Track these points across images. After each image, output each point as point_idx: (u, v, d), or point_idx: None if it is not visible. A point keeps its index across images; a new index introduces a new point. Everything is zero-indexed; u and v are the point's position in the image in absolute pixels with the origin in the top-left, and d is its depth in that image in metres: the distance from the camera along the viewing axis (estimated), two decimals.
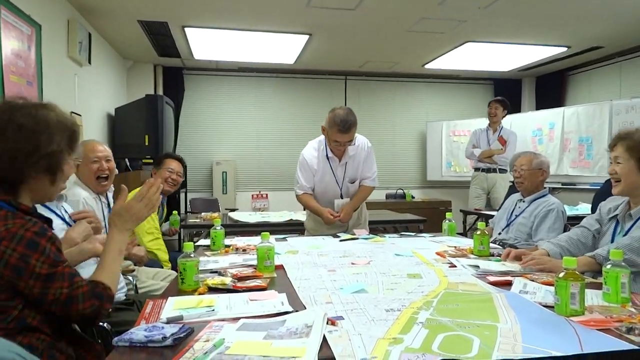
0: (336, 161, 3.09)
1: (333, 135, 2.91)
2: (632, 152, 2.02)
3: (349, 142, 2.96)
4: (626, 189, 2.08)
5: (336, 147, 2.99)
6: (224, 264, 2.11)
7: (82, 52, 4.66)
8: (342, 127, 2.85)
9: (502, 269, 2.00)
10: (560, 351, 1.11)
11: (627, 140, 2.05)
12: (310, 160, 3.10)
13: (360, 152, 3.13)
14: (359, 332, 1.23)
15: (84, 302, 1.27)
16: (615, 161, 2.08)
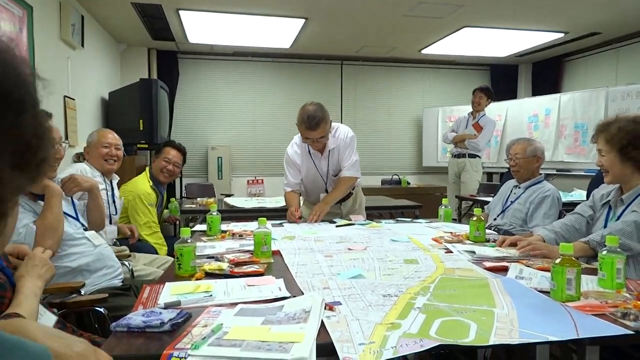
0: (318, 155, 3.07)
1: (302, 132, 2.90)
2: (611, 144, 2.04)
3: (321, 138, 2.90)
4: (615, 179, 2.10)
5: (310, 144, 2.96)
6: (221, 250, 2.11)
7: (75, 35, 4.60)
8: (309, 124, 2.81)
9: (498, 255, 2.01)
10: (557, 336, 1.12)
11: (605, 132, 2.06)
12: (293, 157, 3.11)
13: (341, 144, 3.08)
14: (357, 317, 1.23)
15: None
16: (600, 154, 2.10)
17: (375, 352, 1.03)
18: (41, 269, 1.41)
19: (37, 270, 1.40)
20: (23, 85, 0.49)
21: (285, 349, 1.03)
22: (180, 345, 1.05)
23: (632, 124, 2.01)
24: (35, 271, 1.39)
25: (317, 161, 3.08)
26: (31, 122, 0.51)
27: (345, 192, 3.12)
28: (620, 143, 2.00)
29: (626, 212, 2.06)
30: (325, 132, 2.90)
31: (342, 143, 3.07)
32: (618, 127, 2.02)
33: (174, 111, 7.04)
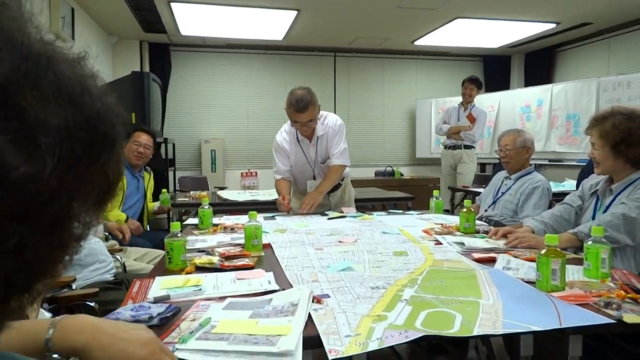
0: (307, 142, 3.08)
1: (291, 115, 2.90)
2: (605, 139, 2.04)
3: (310, 122, 2.92)
4: (606, 171, 2.12)
5: (299, 128, 2.97)
6: (212, 243, 2.12)
7: (65, 28, 4.57)
8: (297, 106, 2.83)
9: (487, 246, 2.03)
10: (540, 326, 1.14)
11: (600, 126, 2.06)
12: (282, 143, 3.11)
13: (330, 132, 3.09)
14: (344, 309, 1.25)
15: None
16: (593, 147, 2.11)
17: (360, 344, 1.04)
18: None
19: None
20: (117, 122, 0.46)
21: (272, 342, 1.04)
22: (168, 339, 1.07)
23: (627, 121, 2.01)
24: None
25: (306, 148, 3.09)
26: (118, 159, 0.46)
27: (335, 181, 3.13)
28: (613, 140, 2.01)
29: (614, 203, 2.08)
30: (314, 116, 2.91)
31: (331, 131, 3.08)
32: (613, 123, 2.02)
33: (166, 104, 7.01)
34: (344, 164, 3.12)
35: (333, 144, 3.09)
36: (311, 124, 2.95)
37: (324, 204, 3.19)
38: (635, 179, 2.05)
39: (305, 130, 2.99)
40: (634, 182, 2.05)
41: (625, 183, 2.07)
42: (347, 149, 3.13)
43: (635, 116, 2.02)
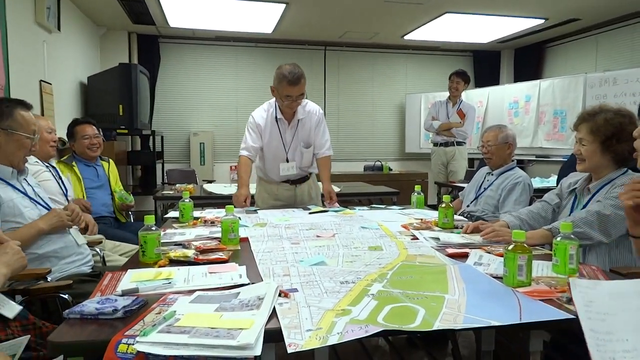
0: (285, 124, 3.05)
1: (284, 90, 2.85)
2: (595, 135, 2.04)
3: (301, 96, 2.90)
4: (589, 168, 2.11)
5: (289, 105, 2.93)
6: (190, 237, 2.13)
7: (51, 18, 4.52)
8: (292, 78, 2.79)
9: (462, 241, 2.05)
10: (500, 321, 1.15)
11: (591, 122, 2.06)
12: (258, 120, 3.06)
13: (312, 117, 3.08)
14: (309, 304, 1.26)
15: None
16: (580, 142, 2.10)
17: (320, 338, 1.05)
18: (11, 257, 1.42)
19: (5, 258, 1.40)
20: None
21: (232, 335, 1.05)
22: (130, 332, 1.07)
23: (618, 116, 2.01)
24: (4, 258, 1.40)
25: (283, 129, 3.06)
26: None
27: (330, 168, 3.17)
28: (605, 135, 2.01)
29: (591, 201, 2.10)
30: (304, 91, 2.90)
31: (314, 117, 3.09)
32: (604, 118, 2.03)
33: (155, 96, 6.98)
34: (331, 154, 3.17)
35: (319, 133, 3.10)
36: (300, 99, 2.93)
37: (290, 195, 3.20)
38: (614, 178, 2.07)
39: (293, 107, 2.96)
40: (612, 181, 2.07)
41: (603, 182, 2.09)
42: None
43: (625, 113, 2.04)
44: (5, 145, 1.94)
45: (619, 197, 1.45)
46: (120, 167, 5.28)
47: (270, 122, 3.05)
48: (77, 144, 3.35)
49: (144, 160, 6.47)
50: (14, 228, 1.91)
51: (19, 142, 1.96)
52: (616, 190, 2.01)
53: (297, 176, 3.19)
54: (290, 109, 2.98)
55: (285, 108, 2.98)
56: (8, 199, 1.91)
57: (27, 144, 2.00)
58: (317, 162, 3.19)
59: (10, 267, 1.41)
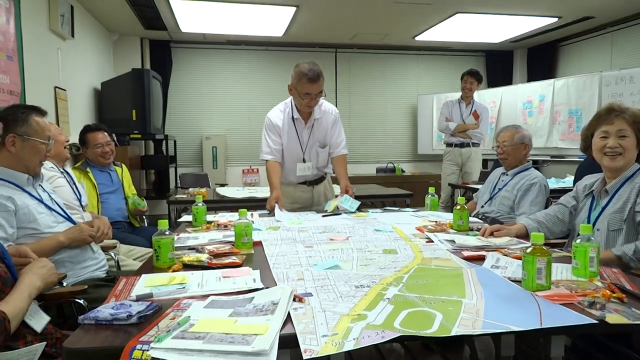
0: (302, 123, 3.03)
1: (303, 87, 2.82)
2: (634, 126, 1.99)
3: (319, 94, 2.88)
4: (627, 163, 2.03)
5: (307, 103, 2.90)
6: (203, 241, 2.12)
7: (65, 26, 4.57)
8: (311, 75, 2.78)
9: (479, 244, 2.02)
10: (520, 326, 1.13)
11: (626, 114, 2.00)
12: (276, 121, 3.03)
13: (328, 116, 3.07)
14: (325, 308, 1.24)
15: None
16: (618, 134, 2.01)
17: (337, 344, 1.04)
18: (47, 272, 1.48)
19: (42, 271, 1.45)
20: None
21: (247, 341, 1.04)
22: (145, 338, 1.07)
23: None
24: (40, 271, 1.45)
25: (300, 129, 3.04)
26: None
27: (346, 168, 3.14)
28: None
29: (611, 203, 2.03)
30: (323, 88, 2.88)
31: (331, 117, 3.08)
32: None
33: (167, 101, 7.02)
34: (347, 154, 3.17)
35: (335, 133, 3.10)
36: (319, 97, 2.91)
37: (307, 197, 3.18)
38: (630, 176, 2.02)
39: (312, 105, 2.94)
40: (629, 179, 2.02)
41: (621, 181, 2.04)
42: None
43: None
44: (21, 151, 1.95)
45: None
46: (134, 171, 5.32)
47: (287, 122, 3.03)
48: (89, 151, 3.37)
49: (157, 165, 6.52)
50: (30, 235, 1.92)
51: (34, 148, 1.98)
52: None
53: (314, 177, 3.18)
54: (309, 107, 2.96)
55: (304, 107, 2.95)
56: (23, 206, 1.92)
57: (43, 150, 2.01)
58: (333, 161, 3.16)
59: (45, 281, 1.47)
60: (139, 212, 3.50)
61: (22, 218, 1.90)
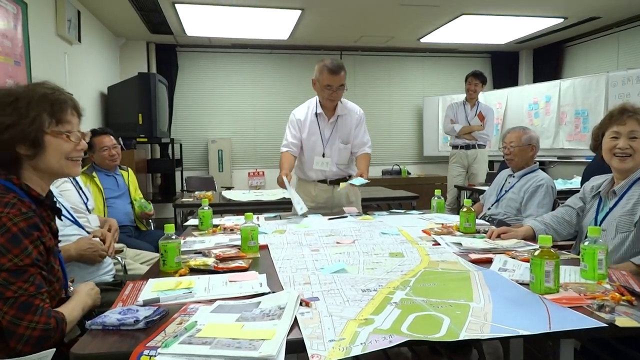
0: (325, 119, 3.09)
1: (324, 79, 2.91)
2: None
3: (341, 87, 2.95)
4: (636, 165, 2.00)
5: (329, 96, 2.96)
6: (210, 245, 2.12)
7: (72, 30, 4.61)
8: (332, 67, 2.88)
9: (486, 246, 2.00)
10: (528, 330, 1.12)
11: (639, 115, 1.98)
12: (298, 116, 3.12)
13: (352, 115, 3.14)
14: (331, 313, 1.24)
15: (40, 315, 1.19)
16: (630, 135, 1.99)
17: (344, 349, 1.03)
18: (95, 294, 1.51)
19: (92, 293, 1.50)
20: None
21: (254, 346, 1.04)
22: (152, 343, 1.07)
23: None
24: (91, 293, 1.50)
25: (323, 124, 3.10)
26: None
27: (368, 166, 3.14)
28: None
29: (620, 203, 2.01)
30: (345, 82, 2.97)
31: (356, 116, 3.15)
32: None
33: (173, 104, 7.05)
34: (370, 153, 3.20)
35: (360, 133, 3.16)
36: (341, 91, 2.98)
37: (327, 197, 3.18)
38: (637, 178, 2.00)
39: (333, 98, 2.99)
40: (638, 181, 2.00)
41: (630, 182, 2.02)
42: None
43: None
44: None
45: None
46: (140, 175, 5.34)
47: (310, 117, 3.10)
48: (96, 155, 3.38)
49: (164, 168, 6.54)
50: None
51: None
52: None
53: (335, 175, 3.16)
54: (331, 100, 3.01)
55: (326, 100, 3.01)
56: None
57: None
58: (356, 158, 3.18)
59: (94, 303, 1.50)
60: (145, 216, 3.51)
61: None
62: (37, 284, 1.23)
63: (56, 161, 1.38)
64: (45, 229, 1.34)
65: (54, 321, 1.21)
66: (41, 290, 1.23)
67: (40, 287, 1.24)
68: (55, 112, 1.37)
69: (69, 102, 1.42)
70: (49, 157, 1.37)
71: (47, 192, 1.43)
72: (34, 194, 1.35)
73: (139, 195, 3.64)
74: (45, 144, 1.35)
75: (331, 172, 3.14)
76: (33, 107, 1.33)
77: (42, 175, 1.39)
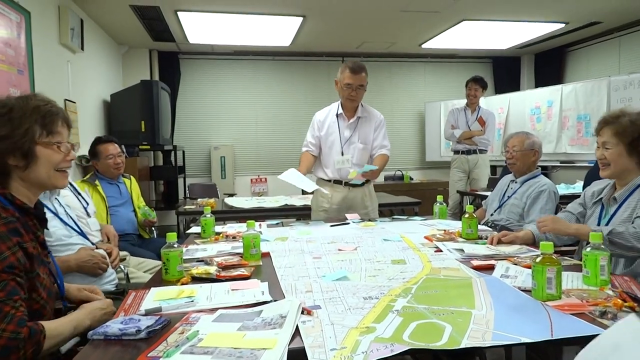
0: (345, 120, 3.17)
1: (344, 78, 3.01)
2: (620, 136, 1.98)
3: (360, 87, 3.03)
4: (615, 173, 2.05)
5: (348, 95, 3.03)
6: (212, 252, 2.13)
7: (75, 39, 4.63)
8: (353, 66, 2.98)
9: (488, 253, 2.00)
10: (530, 337, 1.12)
11: (614, 124, 2.00)
12: (319, 117, 3.22)
13: (373, 118, 3.22)
14: (333, 321, 1.24)
15: (8, 323, 1.14)
16: (604, 146, 2.03)
17: (345, 358, 1.03)
18: (100, 313, 1.42)
19: (97, 313, 1.41)
20: None
21: (256, 356, 1.04)
22: (154, 353, 1.07)
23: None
24: (95, 313, 1.41)
25: (342, 124, 3.17)
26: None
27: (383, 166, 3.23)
28: (631, 136, 1.96)
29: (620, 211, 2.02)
30: (365, 82, 3.06)
31: (376, 120, 3.24)
32: (629, 120, 1.98)
33: (176, 112, 7.07)
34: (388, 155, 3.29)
35: (379, 135, 3.26)
36: (361, 90, 3.06)
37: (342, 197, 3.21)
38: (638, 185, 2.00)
39: (353, 98, 3.06)
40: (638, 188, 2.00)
41: (630, 189, 2.02)
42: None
43: None
44: None
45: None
46: (143, 182, 5.35)
47: (330, 117, 3.19)
48: (100, 163, 3.39)
49: (166, 175, 6.55)
50: None
51: None
52: None
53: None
54: (351, 100, 3.07)
55: (346, 100, 3.09)
56: None
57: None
58: (374, 158, 3.24)
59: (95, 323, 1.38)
60: (148, 224, 3.52)
61: None
62: (9, 291, 1.18)
63: (45, 172, 1.39)
64: (29, 236, 1.33)
65: (27, 331, 1.16)
66: (13, 297, 1.18)
67: (13, 294, 1.19)
68: (47, 123, 1.39)
69: (60, 114, 1.44)
70: (39, 168, 1.38)
71: (36, 203, 1.43)
72: (18, 202, 1.34)
73: (142, 203, 3.65)
74: (37, 154, 1.37)
75: (347, 172, 3.15)
76: (26, 118, 1.34)
77: (29, 187, 1.39)
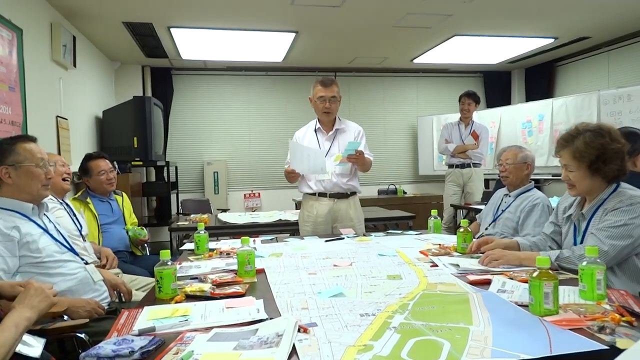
0: (324, 133, 3.25)
1: (317, 92, 3.14)
2: (580, 160, 1.96)
3: (333, 99, 3.14)
4: (582, 192, 2.05)
5: (323, 108, 3.13)
6: (206, 269, 2.11)
7: (67, 56, 4.63)
8: (324, 79, 3.14)
9: (483, 267, 2.00)
10: (529, 354, 1.11)
11: (571, 147, 1.98)
12: (298, 134, 3.32)
13: (351, 130, 3.30)
14: (330, 339, 1.22)
15: None
16: (566, 169, 2.03)
17: None
18: (35, 299, 1.37)
19: (29, 301, 1.36)
20: None
21: None
22: None
23: (597, 137, 1.94)
24: (28, 301, 1.36)
25: (321, 138, 3.25)
26: None
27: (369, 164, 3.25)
28: (589, 158, 1.94)
29: (587, 232, 2.02)
30: (337, 94, 3.19)
31: (355, 131, 3.31)
32: (584, 142, 1.94)
33: (169, 127, 7.06)
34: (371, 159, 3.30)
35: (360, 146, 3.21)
36: (334, 102, 3.17)
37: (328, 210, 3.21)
38: (605, 198, 2.00)
39: (328, 110, 3.15)
40: (602, 204, 2.00)
41: (595, 205, 2.02)
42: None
43: (604, 131, 1.95)
44: (18, 180, 1.98)
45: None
46: (136, 198, 5.31)
47: (309, 133, 3.30)
48: (92, 180, 3.37)
49: (159, 191, 6.51)
50: (33, 263, 1.93)
51: (29, 174, 2.00)
52: (607, 217, 1.94)
53: (334, 188, 3.21)
54: (326, 113, 3.17)
55: (322, 114, 3.19)
56: (28, 235, 1.93)
57: (39, 173, 2.03)
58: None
59: (36, 310, 1.36)
60: (140, 242, 3.48)
61: (25, 246, 1.91)
62: None
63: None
64: None
65: None
66: None
67: None
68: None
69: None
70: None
71: None
72: None
73: (134, 220, 3.62)
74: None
75: (331, 183, 3.17)
76: None
77: None
